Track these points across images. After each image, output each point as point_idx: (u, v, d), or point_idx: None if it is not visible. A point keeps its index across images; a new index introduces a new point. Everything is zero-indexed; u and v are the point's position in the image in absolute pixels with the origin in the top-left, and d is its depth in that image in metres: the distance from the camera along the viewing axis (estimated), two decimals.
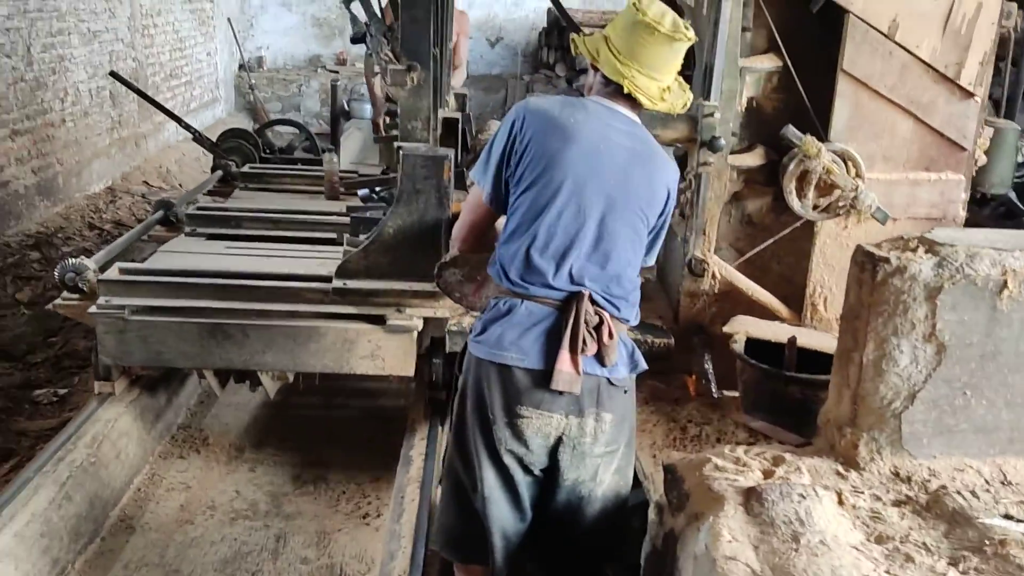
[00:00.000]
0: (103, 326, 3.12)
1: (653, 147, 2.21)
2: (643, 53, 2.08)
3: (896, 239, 2.68)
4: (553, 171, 2.10)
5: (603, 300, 2.16)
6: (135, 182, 7.67)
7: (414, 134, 3.06)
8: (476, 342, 2.20)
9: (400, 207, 2.96)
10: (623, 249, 2.17)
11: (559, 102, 2.18)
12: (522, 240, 2.14)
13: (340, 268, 3.10)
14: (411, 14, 2.87)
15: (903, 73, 3.05)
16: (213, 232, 3.91)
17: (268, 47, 11.95)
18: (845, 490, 2.50)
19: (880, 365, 2.50)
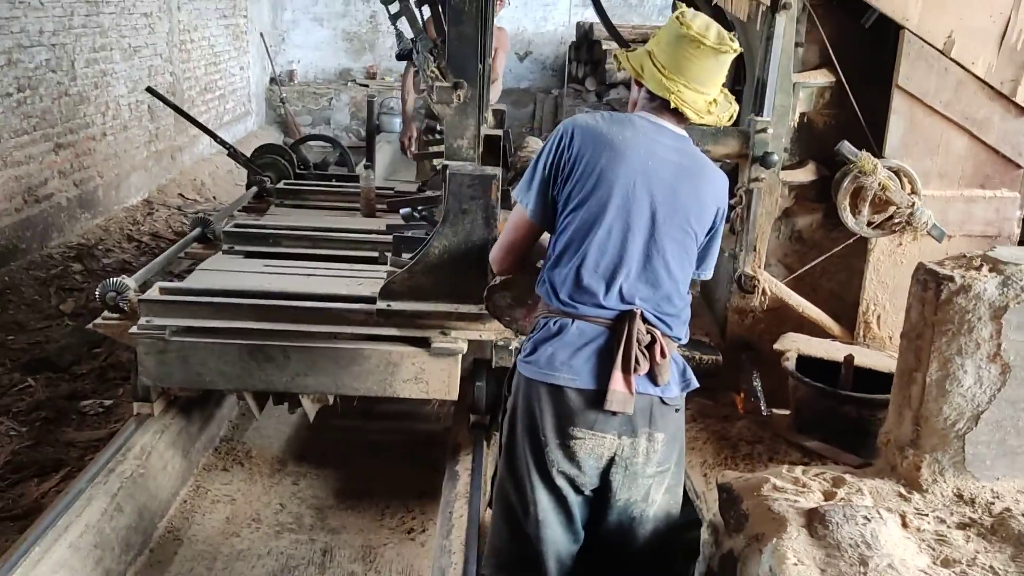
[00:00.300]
0: (143, 347, 3.08)
1: (701, 161, 2.18)
2: (688, 67, 2.06)
3: (959, 257, 2.65)
4: (601, 189, 2.09)
5: (655, 318, 2.13)
6: (171, 194, 7.76)
7: (460, 152, 2.97)
8: (526, 362, 2.17)
9: (446, 227, 2.89)
10: (673, 266, 2.14)
11: (606, 119, 2.16)
12: (572, 260, 2.12)
13: (384, 289, 3.02)
14: (458, 30, 2.83)
15: (958, 89, 3.03)
16: (251, 250, 3.88)
17: (299, 61, 12.06)
18: (909, 512, 2.46)
19: (944, 385, 2.47)
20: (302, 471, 3.69)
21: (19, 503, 3.21)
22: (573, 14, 11.97)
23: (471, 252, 2.92)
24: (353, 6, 11.96)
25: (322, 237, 3.91)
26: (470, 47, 2.82)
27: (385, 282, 3.02)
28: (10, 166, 5.55)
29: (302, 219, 4.37)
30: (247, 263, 3.75)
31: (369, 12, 11.94)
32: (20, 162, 5.65)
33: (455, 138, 2.96)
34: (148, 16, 7.57)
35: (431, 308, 3.00)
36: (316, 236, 3.91)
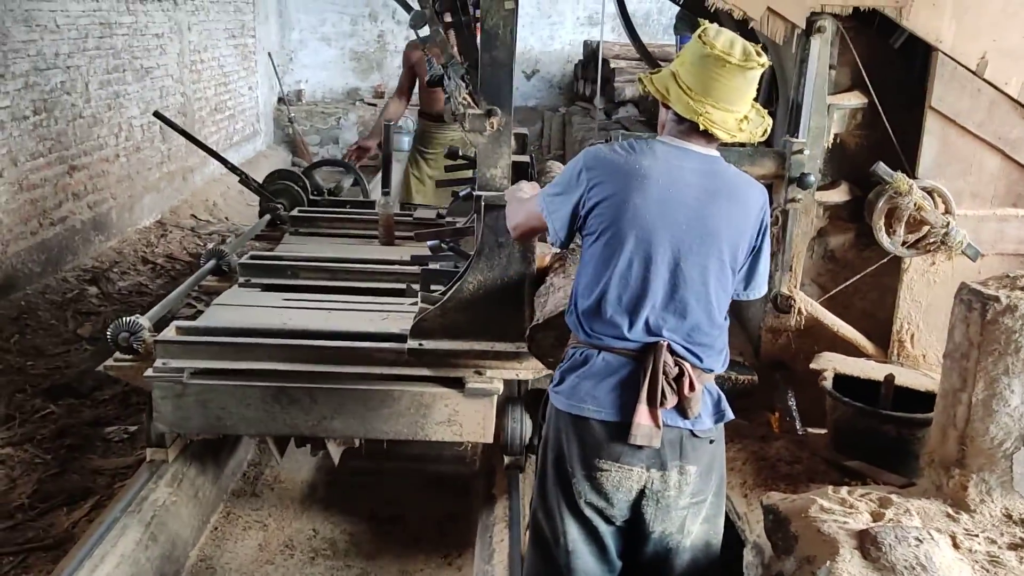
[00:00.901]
0: (159, 390, 2.93)
1: (732, 179, 2.13)
2: (715, 86, 2.01)
3: (1001, 277, 2.67)
4: (621, 223, 2.06)
5: (683, 350, 2.09)
6: (183, 216, 7.78)
7: (493, 182, 2.86)
8: (555, 392, 2.17)
9: (481, 261, 2.79)
10: (703, 294, 2.09)
11: (625, 148, 2.12)
12: (595, 294, 2.11)
13: (415, 327, 2.91)
14: (492, 55, 2.76)
15: (991, 110, 3.05)
16: (268, 282, 3.76)
17: (307, 81, 12.12)
18: (959, 533, 2.47)
19: (990, 405, 2.48)
20: (332, 496, 3.68)
21: (50, 532, 3.20)
22: (580, 32, 12.06)
23: (508, 288, 2.82)
24: (360, 26, 12.03)
25: (342, 269, 3.82)
26: (504, 73, 2.78)
27: (416, 319, 2.91)
28: (26, 189, 5.57)
29: (319, 248, 4.26)
30: (265, 297, 3.65)
31: (377, 32, 12.02)
32: (36, 185, 5.67)
33: (488, 167, 2.87)
34: (159, 37, 7.62)
35: (465, 347, 2.90)
36: (336, 268, 3.81)
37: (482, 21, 2.71)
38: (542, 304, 2.57)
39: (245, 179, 5.27)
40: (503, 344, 2.89)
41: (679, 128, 2.11)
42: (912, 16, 2.96)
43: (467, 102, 2.79)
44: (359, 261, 3.91)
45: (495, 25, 2.71)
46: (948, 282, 3.26)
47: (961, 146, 3.10)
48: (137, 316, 3.12)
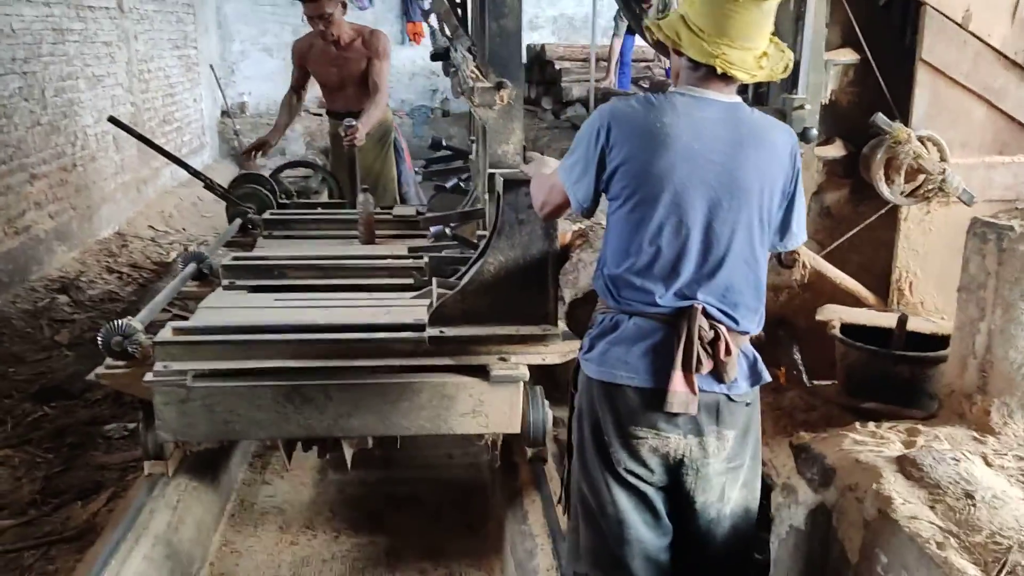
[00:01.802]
0: (162, 396, 2.67)
1: (757, 125, 1.99)
2: (730, 25, 1.86)
3: (1010, 210, 2.81)
4: (648, 186, 1.94)
5: (719, 312, 1.98)
6: (140, 227, 7.55)
7: (505, 159, 2.72)
8: (585, 359, 2.08)
9: (501, 240, 2.61)
10: (739, 252, 1.98)
11: (643, 103, 1.98)
12: (625, 261, 2.00)
13: (435, 314, 2.72)
14: (500, 25, 2.65)
15: (976, 61, 3.20)
16: (255, 284, 3.48)
17: (250, 93, 11.93)
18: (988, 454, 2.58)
19: (1009, 331, 2.60)
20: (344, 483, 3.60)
21: (68, 525, 3.07)
22: (523, 36, 12.18)
23: (530, 267, 2.67)
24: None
25: (332, 266, 3.58)
26: (514, 43, 2.69)
27: (435, 306, 2.73)
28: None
29: (299, 249, 3.96)
30: (254, 298, 3.38)
31: None
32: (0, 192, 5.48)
33: (499, 143, 2.75)
34: (108, 45, 7.41)
35: (488, 332, 2.72)
36: (326, 265, 3.57)
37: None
38: (572, 281, 2.56)
39: (210, 184, 5.00)
40: (528, 327, 2.73)
41: (695, 75, 1.96)
42: None
43: (475, 75, 2.69)
44: (350, 258, 3.67)
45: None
46: (942, 230, 3.40)
47: (950, 97, 3.25)
48: (129, 319, 2.86)
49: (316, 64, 5.14)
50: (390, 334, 2.77)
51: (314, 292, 3.41)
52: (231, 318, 3.05)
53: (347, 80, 5.13)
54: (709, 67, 1.91)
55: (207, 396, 2.70)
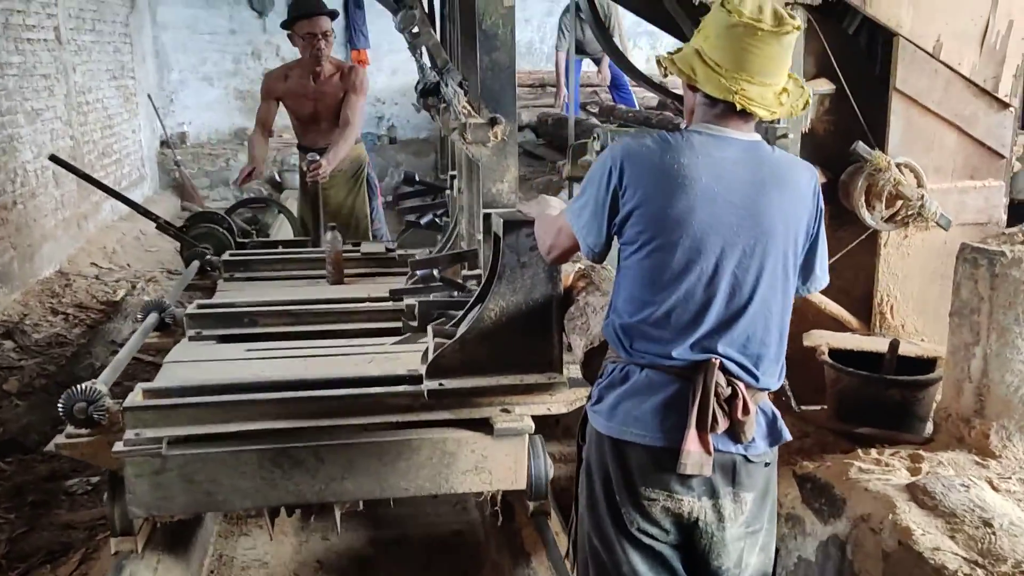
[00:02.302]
0: (134, 468, 2.43)
1: (779, 164, 1.90)
2: (748, 59, 1.79)
3: (998, 235, 2.85)
4: (665, 230, 1.83)
5: (737, 368, 1.87)
6: (83, 264, 7.23)
7: (500, 198, 2.62)
8: (593, 412, 1.97)
9: (502, 285, 2.45)
10: (762, 300, 1.87)
11: (658, 144, 1.87)
12: (641, 310, 1.89)
13: (433, 365, 2.54)
14: (492, 58, 2.57)
15: (947, 88, 3.25)
16: (224, 333, 3.26)
17: (190, 122, 11.60)
18: (992, 478, 2.59)
19: (1004, 354, 2.62)
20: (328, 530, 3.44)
21: None
22: None
23: (534, 312, 2.51)
24: (244, 64, 11.66)
25: (306, 312, 3.35)
26: (506, 77, 2.59)
27: (433, 357, 2.55)
28: None
29: (264, 293, 3.76)
30: (224, 350, 3.16)
31: (262, 69, 11.66)
32: None
33: (493, 181, 2.65)
34: (47, 78, 7.10)
35: (491, 382, 2.55)
36: (299, 311, 3.35)
37: (479, 21, 2.55)
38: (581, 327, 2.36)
39: (163, 225, 4.80)
40: (533, 375, 2.56)
41: (712, 112, 1.87)
42: (875, 4, 3.13)
43: (467, 110, 2.59)
44: (322, 302, 3.48)
45: (494, 24, 2.55)
46: (919, 254, 3.43)
47: (923, 124, 3.28)
48: (92, 382, 2.62)
49: (292, 96, 4.97)
50: (385, 388, 2.60)
51: (288, 340, 3.20)
52: (205, 375, 2.82)
53: (321, 114, 4.97)
54: (727, 104, 1.83)
55: (185, 465, 2.47)
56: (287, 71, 5.08)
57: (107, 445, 2.48)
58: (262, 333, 3.24)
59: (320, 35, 4.66)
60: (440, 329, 2.60)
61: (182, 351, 3.14)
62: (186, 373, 2.88)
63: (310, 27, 4.69)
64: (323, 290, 3.81)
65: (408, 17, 2.65)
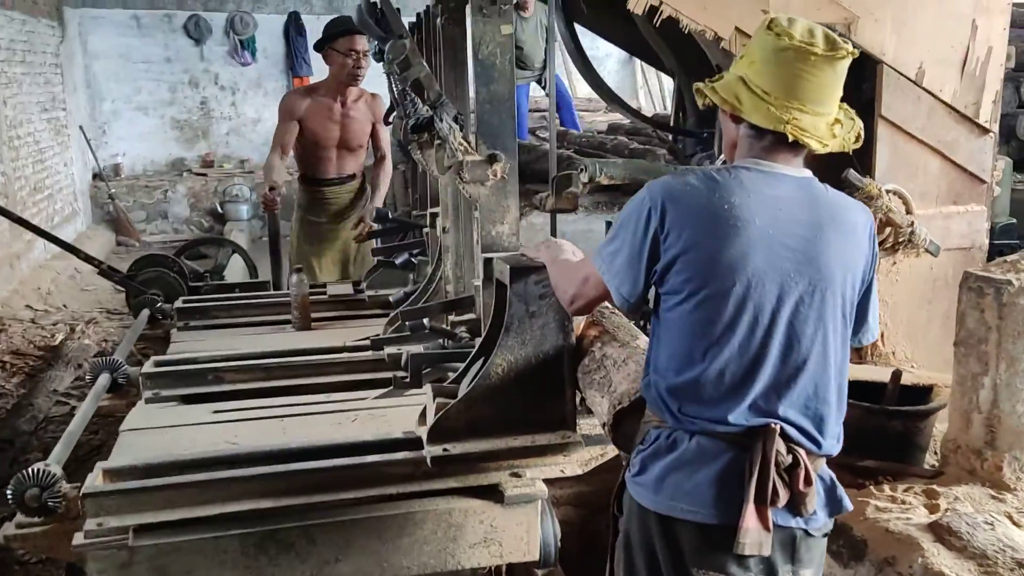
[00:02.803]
0: (98, 563, 2.08)
1: (834, 203, 1.73)
2: (800, 86, 1.63)
3: (1000, 263, 2.76)
4: (716, 278, 1.64)
5: (798, 433, 1.67)
6: (17, 307, 6.74)
7: (500, 241, 2.35)
8: (636, 484, 1.75)
9: (510, 338, 2.19)
10: (822, 353, 1.68)
11: (704, 183, 1.67)
12: (689, 368, 1.68)
13: (436, 429, 2.23)
14: (489, 90, 2.30)
15: (930, 115, 3.19)
16: (186, 393, 2.88)
17: (125, 154, 11.08)
18: (1011, 512, 2.48)
19: (1015, 383, 2.54)
20: None
21: None
22: None
23: (544, 366, 2.24)
24: (180, 93, 11.22)
25: (277, 365, 2.98)
26: (506, 111, 2.34)
27: (436, 419, 2.24)
28: None
29: (224, 343, 3.37)
30: (188, 412, 2.78)
31: (199, 98, 11.27)
32: None
33: (493, 223, 2.39)
34: None
35: (500, 445, 2.25)
36: (269, 365, 2.98)
37: (475, 50, 2.33)
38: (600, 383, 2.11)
39: (107, 271, 4.34)
40: (545, 435, 2.26)
41: (760, 144, 1.69)
42: (859, 32, 3.05)
43: (464, 147, 2.34)
44: (293, 353, 3.10)
45: (491, 54, 2.32)
46: (907, 280, 3.36)
47: (908, 151, 3.22)
48: (45, 464, 2.24)
49: (316, 119, 4.47)
50: (382, 456, 2.30)
51: (259, 399, 2.87)
52: (170, 445, 2.49)
53: (346, 141, 4.56)
54: (777, 135, 1.65)
55: (156, 557, 2.12)
56: (310, 91, 4.62)
57: (65, 536, 2.12)
58: (230, 391, 2.91)
59: (362, 53, 4.29)
60: (441, 387, 2.32)
61: (140, 417, 2.77)
62: (148, 444, 2.52)
63: (352, 44, 4.29)
64: (291, 338, 3.48)
65: (398, 47, 2.40)
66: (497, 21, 2.27)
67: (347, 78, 4.39)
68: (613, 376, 1.97)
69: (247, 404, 2.79)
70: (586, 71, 4.01)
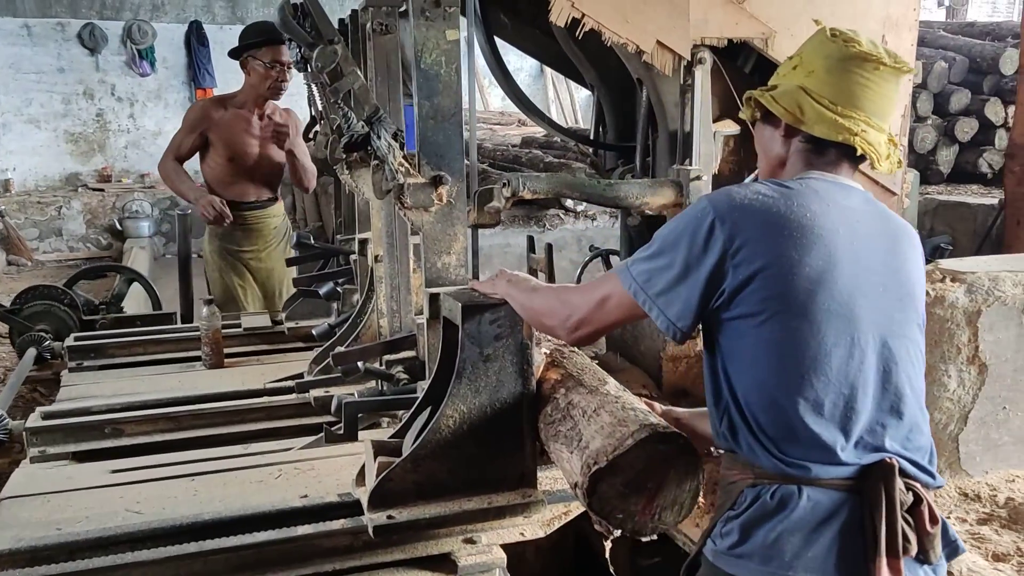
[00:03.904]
0: None
1: (894, 218, 1.57)
2: (865, 96, 1.46)
3: None
4: (802, 295, 1.39)
5: (911, 466, 1.43)
6: None
7: (447, 274, 1.99)
8: (735, 556, 1.43)
9: (462, 385, 1.84)
10: (913, 376, 1.48)
11: (777, 191, 1.45)
12: (782, 398, 1.40)
13: (378, 493, 1.84)
14: (432, 103, 1.95)
15: None
16: (80, 449, 2.48)
17: (15, 168, 10.15)
18: None
19: (932, 392, 2.44)
20: None
21: None
22: None
23: (501, 416, 1.89)
24: (75, 104, 10.37)
25: (185, 413, 2.58)
26: (451, 126, 1.98)
27: (377, 481, 1.84)
28: None
29: (126, 385, 2.92)
30: (81, 473, 2.32)
31: (95, 110, 10.45)
32: None
33: (439, 254, 2.00)
34: None
35: (453, 508, 1.87)
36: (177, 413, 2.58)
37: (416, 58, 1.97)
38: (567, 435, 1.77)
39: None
40: (503, 495, 1.91)
41: (821, 160, 1.50)
42: (776, 46, 2.95)
43: (405, 168, 1.98)
44: (205, 399, 2.70)
45: (435, 63, 1.95)
46: None
47: None
48: None
49: (233, 135, 3.88)
50: (316, 526, 1.91)
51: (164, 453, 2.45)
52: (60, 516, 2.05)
53: (267, 159, 3.97)
54: (841, 148, 1.48)
55: None
56: (223, 102, 4.00)
57: None
58: (130, 446, 2.48)
59: (286, 65, 3.77)
60: (382, 443, 1.93)
61: (25, 481, 2.29)
62: (32, 516, 2.07)
63: (277, 55, 3.76)
64: (201, 378, 3.01)
65: (327, 55, 2.01)
66: (442, 25, 1.93)
67: (268, 91, 3.86)
68: (583, 428, 1.68)
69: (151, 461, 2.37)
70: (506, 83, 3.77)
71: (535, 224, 6.48)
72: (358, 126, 2.15)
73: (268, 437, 2.52)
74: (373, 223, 2.63)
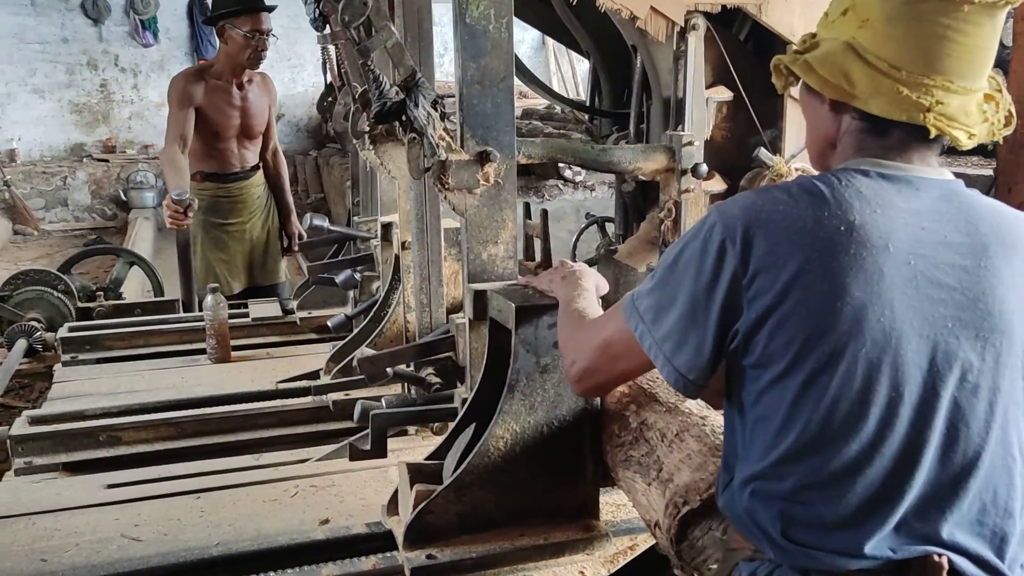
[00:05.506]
0: None
1: (996, 214, 1.08)
2: (947, 52, 1.02)
3: None
4: (836, 339, 1.00)
5: (972, 564, 1.01)
6: None
7: (493, 267, 1.61)
8: None
9: (514, 401, 1.47)
10: (1002, 440, 1.03)
11: (804, 197, 1.04)
12: (798, 473, 1.03)
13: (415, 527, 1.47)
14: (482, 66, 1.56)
15: None
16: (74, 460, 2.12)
17: (20, 138, 9.62)
18: None
19: None
20: None
21: None
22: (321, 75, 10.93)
23: (559, 437, 1.51)
24: (79, 75, 9.80)
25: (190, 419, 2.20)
26: (502, 93, 1.57)
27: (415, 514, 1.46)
28: None
29: (124, 383, 2.55)
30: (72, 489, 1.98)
31: (99, 81, 9.89)
32: None
33: (484, 243, 1.61)
34: None
35: (504, 546, 1.49)
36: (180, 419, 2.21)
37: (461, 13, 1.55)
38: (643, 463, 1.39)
39: None
40: (562, 530, 1.53)
41: (882, 143, 1.06)
42: (769, 12, 2.66)
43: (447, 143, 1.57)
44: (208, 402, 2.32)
45: (482, 17, 1.53)
46: None
47: None
48: None
49: (214, 107, 3.53)
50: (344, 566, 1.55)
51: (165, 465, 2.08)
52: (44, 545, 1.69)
53: (248, 129, 3.64)
54: (907, 128, 1.03)
55: None
56: (201, 73, 3.62)
57: None
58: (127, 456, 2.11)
59: (266, 33, 3.42)
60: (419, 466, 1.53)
61: (7, 497, 1.93)
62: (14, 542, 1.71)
63: (257, 24, 3.39)
64: (206, 374, 2.62)
65: (356, 6, 1.52)
66: None
67: (247, 61, 3.48)
68: (664, 457, 1.29)
69: (151, 474, 1.99)
70: None
71: (534, 194, 6.21)
72: (391, 92, 1.71)
73: (281, 445, 2.14)
74: (400, 205, 2.21)
